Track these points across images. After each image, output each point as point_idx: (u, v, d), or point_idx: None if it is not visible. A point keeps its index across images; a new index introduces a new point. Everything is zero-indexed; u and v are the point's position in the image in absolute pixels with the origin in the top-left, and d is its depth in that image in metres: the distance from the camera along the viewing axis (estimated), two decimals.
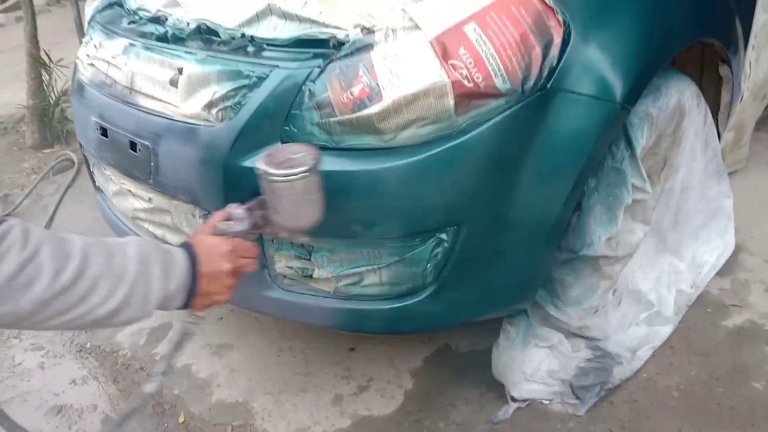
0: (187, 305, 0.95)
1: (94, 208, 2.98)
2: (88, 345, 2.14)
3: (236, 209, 1.06)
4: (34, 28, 3.60)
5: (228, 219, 1.04)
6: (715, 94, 1.93)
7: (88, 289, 0.80)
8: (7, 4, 9.79)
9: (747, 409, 1.57)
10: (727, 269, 2.00)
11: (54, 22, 5.81)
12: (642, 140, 1.47)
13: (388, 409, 1.72)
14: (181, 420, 1.81)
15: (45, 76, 3.64)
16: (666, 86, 1.56)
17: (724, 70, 1.83)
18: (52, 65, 3.61)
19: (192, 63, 1.40)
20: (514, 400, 1.64)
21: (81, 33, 3.42)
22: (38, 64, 3.56)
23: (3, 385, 1.97)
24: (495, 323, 1.66)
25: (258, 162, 1.06)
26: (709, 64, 1.86)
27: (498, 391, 1.69)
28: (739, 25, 1.82)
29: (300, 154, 1.04)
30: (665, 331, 1.78)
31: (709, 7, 1.64)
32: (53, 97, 3.64)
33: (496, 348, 1.64)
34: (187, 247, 0.97)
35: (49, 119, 3.64)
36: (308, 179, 1.03)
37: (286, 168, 1.00)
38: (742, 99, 2.03)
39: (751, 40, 1.91)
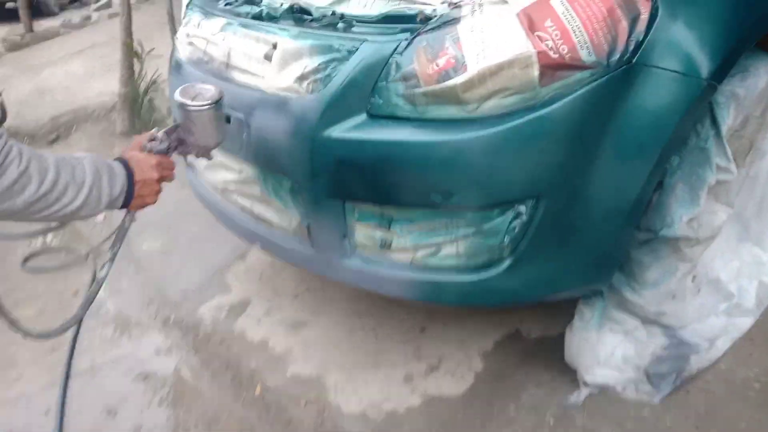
0: (125, 206, 1.23)
1: (178, 190, 3.16)
2: (172, 318, 2.26)
3: (158, 133, 1.31)
4: (129, 20, 3.84)
5: (152, 140, 1.29)
6: None
7: (60, 193, 1.08)
8: (101, 2, 10.44)
9: None
10: None
11: (144, 18, 6.14)
12: (728, 120, 1.44)
13: (458, 389, 1.74)
14: (257, 392, 1.89)
15: (136, 66, 3.88)
16: (755, 67, 1.52)
17: None
18: (144, 55, 3.84)
19: (286, 38, 1.48)
20: (586, 385, 1.63)
21: (173, 24, 3.61)
22: (131, 54, 3.79)
23: (94, 352, 2.10)
24: (568, 309, 1.66)
25: (176, 94, 1.30)
26: None
27: (570, 375, 1.68)
28: None
29: (209, 90, 1.32)
30: (746, 322, 1.73)
31: None
32: (143, 87, 3.86)
33: (570, 330, 1.64)
34: (123, 161, 1.22)
35: (138, 108, 3.87)
36: (214, 109, 1.30)
37: (199, 100, 1.29)
38: None
39: None
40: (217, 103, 1.31)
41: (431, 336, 1.92)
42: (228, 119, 1.46)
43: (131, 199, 1.21)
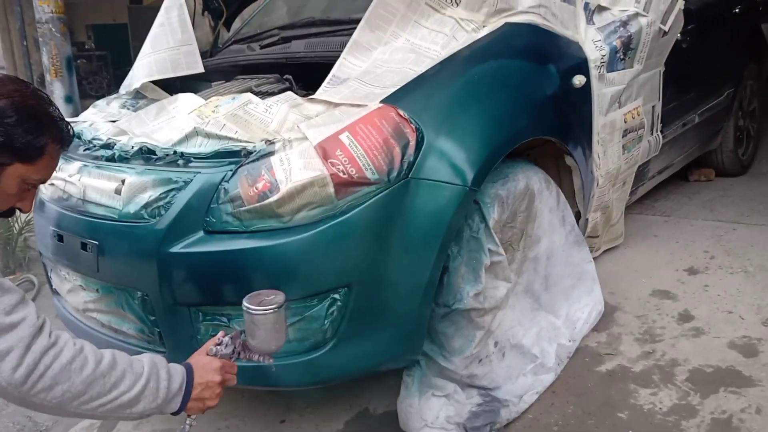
0: (182, 408, 1.22)
1: (53, 322, 3.22)
2: None
3: (224, 337, 1.35)
4: None
5: (218, 344, 1.34)
6: (571, 179, 2.37)
7: (118, 378, 1.11)
8: None
9: None
10: (603, 325, 2.35)
11: None
12: (494, 215, 1.86)
13: None
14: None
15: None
16: (514, 173, 1.99)
17: (569, 161, 2.28)
18: None
19: (132, 175, 1.78)
20: None
21: None
22: None
23: None
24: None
25: (244, 301, 1.33)
26: (561, 156, 2.31)
27: None
28: (579, 126, 2.30)
29: (272, 296, 1.35)
30: (548, 378, 2.08)
31: (542, 113, 2.11)
32: (17, 227, 3.94)
33: (399, 400, 1.91)
34: (186, 364, 1.27)
35: (12, 248, 3.93)
36: (278, 313, 1.33)
37: (264, 305, 1.32)
38: (598, 184, 2.47)
39: (595, 137, 2.39)
40: (281, 308, 1.34)
41: (290, 426, 2.12)
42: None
43: (189, 399, 1.21)
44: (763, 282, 2.54)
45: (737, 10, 3.61)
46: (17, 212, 1.27)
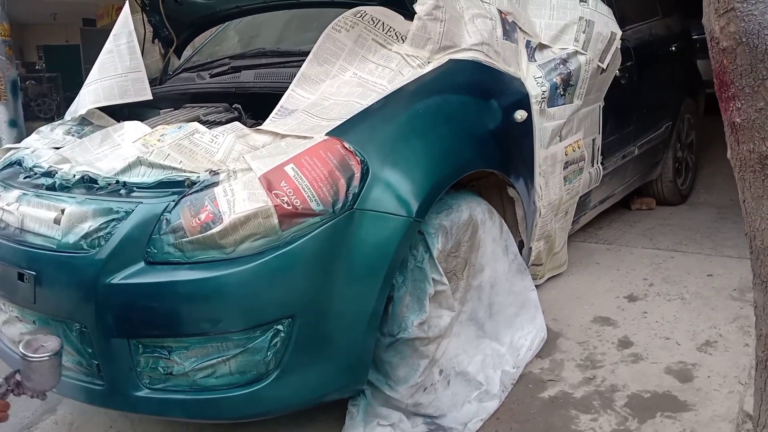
0: None
1: None
2: None
3: None
4: None
5: None
6: (513, 210, 2.44)
7: None
8: None
9: None
10: (546, 352, 2.40)
11: None
12: (438, 245, 1.90)
13: None
14: None
15: None
16: (458, 204, 2.04)
17: (512, 192, 2.35)
18: None
19: (73, 204, 1.75)
20: None
21: None
22: None
23: None
24: None
25: (20, 347, 1.48)
26: (504, 187, 2.38)
27: None
28: (521, 159, 2.38)
29: (49, 342, 1.51)
30: (493, 405, 2.11)
31: (485, 146, 2.18)
32: None
33: (344, 430, 1.91)
34: None
35: None
36: (53, 359, 1.49)
37: (41, 352, 1.48)
38: (540, 214, 2.55)
39: (537, 169, 2.47)
40: (56, 354, 1.50)
41: None
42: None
43: None
44: (698, 309, 2.65)
45: (674, 48, 3.81)
46: None
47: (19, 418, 2.53)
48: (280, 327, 1.66)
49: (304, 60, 2.14)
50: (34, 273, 1.76)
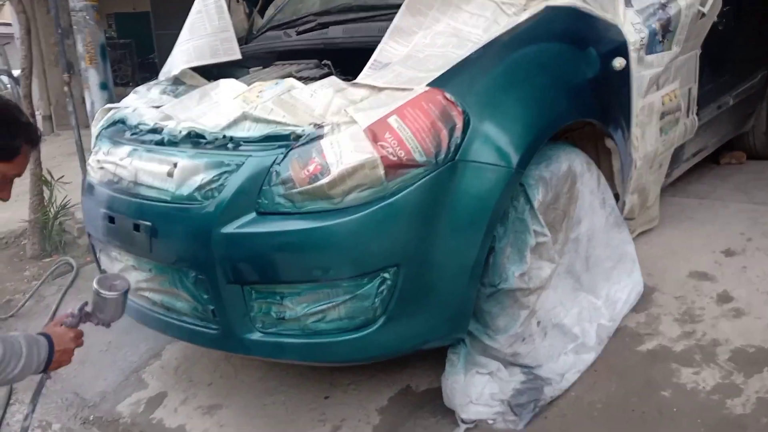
0: (45, 370, 1.59)
1: None
2: (92, 417, 2.39)
3: (72, 311, 1.68)
4: (38, 152, 4.06)
5: (70, 317, 1.67)
6: (610, 162, 2.38)
7: (6, 363, 1.45)
8: None
9: (656, 412, 1.88)
10: (642, 306, 2.36)
11: (50, 148, 6.33)
12: (538, 196, 1.88)
13: None
14: None
15: (46, 193, 4.06)
16: (557, 155, 2.00)
17: (609, 143, 2.28)
18: (53, 182, 4.04)
19: (184, 158, 1.82)
20: (463, 421, 1.93)
21: (81, 152, 3.87)
22: (41, 182, 3.99)
23: None
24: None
25: (94, 284, 1.67)
26: (600, 138, 2.32)
27: (452, 417, 1.97)
28: (619, 109, 2.30)
29: (118, 281, 1.71)
30: (589, 357, 2.11)
31: (583, 96, 2.12)
32: (53, 212, 4.03)
33: (444, 377, 1.95)
34: (47, 336, 1.60)
35: (48, 231, 4.02)
36: (122, 297, 1.68)
37: (112, 290, 1.68)
38: (636, 166, 2.48)
39: (633, 119, 2.39)
40: (126, 293, 1.69)
41: (334, 402, 2.17)
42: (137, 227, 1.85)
43: (51, 362, 1.58)
44: None
45: None
46: (53, 195, 1.51)
47: (128, 363, 2.71)
48: (386, 275, 1.69)
49: (393, 13, 2.12)
50: (149, 224, 1.85)
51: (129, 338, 2.86)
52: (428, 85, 1.78)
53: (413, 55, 2.01)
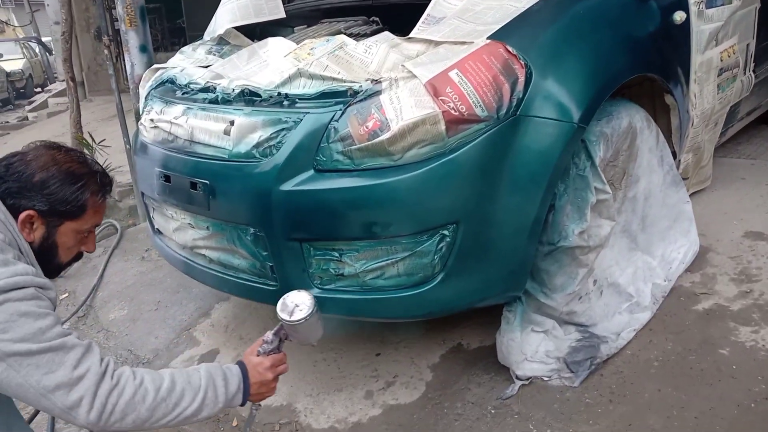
0: (245, 402, 1.39)
1: (139, 264, 3.37)
2: None
3: (267, 336, 1.45)
4: (79, 115, 4.11)
5: (264, 343, 1.44)
6: (667, 119, 2.31)
7: (178, 398, 1.26)
8: (36, 103, 10.56)
9: (715, 369, 1.86)
10: (696, 266, 2.32)
11: (87, 114, 6.40)
12: (600, 153, 1.84)
13: (412, 397, 2.02)
14: (234, 424, 2.10)
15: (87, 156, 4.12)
16: (618, 111, 1.95)
17: (669, 99, 2.21)
18: (95, 145, 4.09)
19: (241, 116, 1.81)
20: (518, 378, 1.93)
21: (122, 116, 3.89)
22: (82, 144, 4.04)
23: None
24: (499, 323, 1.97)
25: (278, 313, 1.39)
26: (659, 95, 2.25)
27: (505, 374, 1.98)
28: (678, 64, 2.23)
29: (300, 299, 1.41)
30: (644, 317, 2.09)
31: (645, 50, 2.05)
32: None
33: (499, 334, 1.95)
34: (241, 364, 1.41)
35: None
36: (310, 320, 1.40)
37: (296, 314, 1.39)
38: (693, 124, 2.41)
39: (692, 76, 2.31)
40: (315, 312, 1.40)
41: (385, 359, 2.19)
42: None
43: (248, 395, 1.38)
44: None
45: None
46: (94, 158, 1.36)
47: (178, 321, 2.77)
48: (445, 232, 1.68)
49: None
50: (207, 182, 1.86)
51: (177, 297, 2.93)
52: (489, 38, 1.74)
53: (469, 8, 1.96)
